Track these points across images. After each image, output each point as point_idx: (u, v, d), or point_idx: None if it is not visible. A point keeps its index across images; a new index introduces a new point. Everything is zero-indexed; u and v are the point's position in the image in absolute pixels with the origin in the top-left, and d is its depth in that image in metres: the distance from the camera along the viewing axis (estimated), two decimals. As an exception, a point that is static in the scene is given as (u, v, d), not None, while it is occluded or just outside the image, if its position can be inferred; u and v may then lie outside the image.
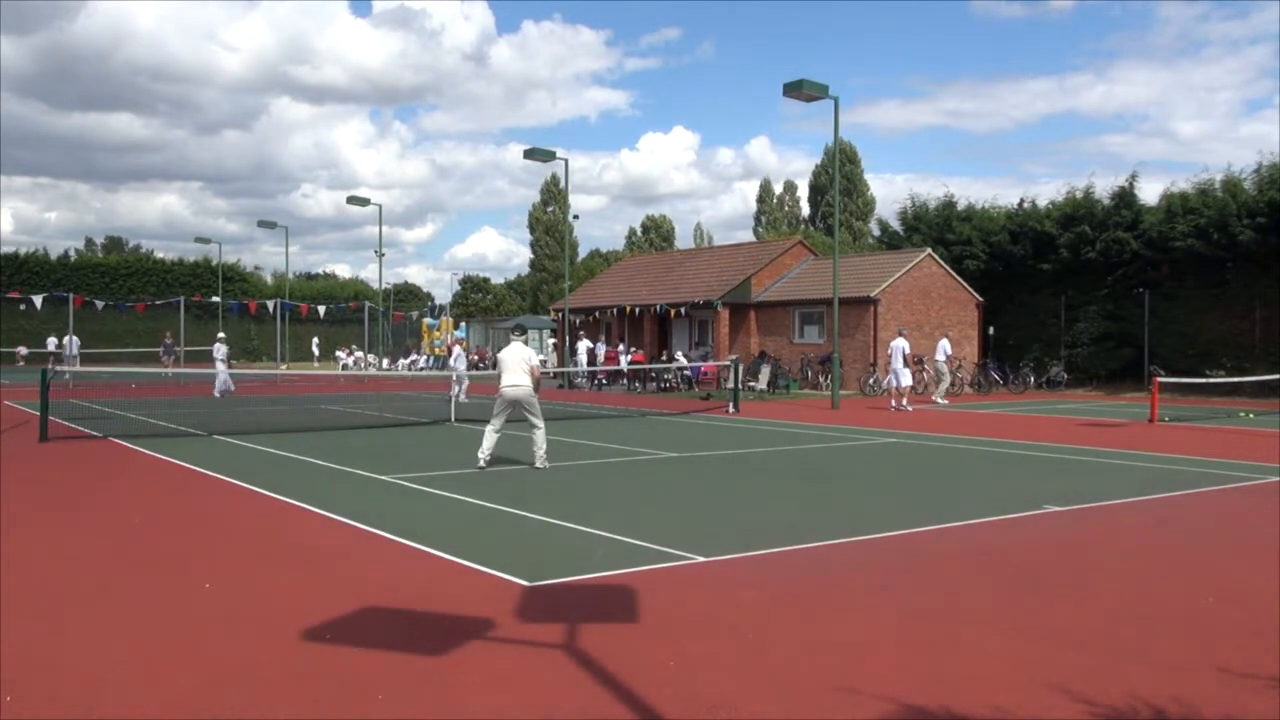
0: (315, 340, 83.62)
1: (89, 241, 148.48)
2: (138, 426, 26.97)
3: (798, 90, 34.57)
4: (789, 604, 9.35)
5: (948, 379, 39.09)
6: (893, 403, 34.53)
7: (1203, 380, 38.74)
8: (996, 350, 51.53)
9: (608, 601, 9.31)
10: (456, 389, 35.69)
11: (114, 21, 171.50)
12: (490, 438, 18.86)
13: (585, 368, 48.78)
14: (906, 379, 34.94)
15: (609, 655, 7.67)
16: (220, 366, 40.36)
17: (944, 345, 39.18)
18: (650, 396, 43.89)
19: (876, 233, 66.51)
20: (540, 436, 18.91)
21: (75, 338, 53.80)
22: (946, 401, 38.40)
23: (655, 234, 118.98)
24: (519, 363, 18.97)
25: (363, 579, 10.17)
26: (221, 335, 42.31)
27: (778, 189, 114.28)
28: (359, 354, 72.67)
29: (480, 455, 18.59)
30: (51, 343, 67.68)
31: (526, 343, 19.78)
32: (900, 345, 35.25)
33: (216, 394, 39.36)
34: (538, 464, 18.56)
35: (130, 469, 18.92)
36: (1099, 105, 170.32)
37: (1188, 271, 48.21)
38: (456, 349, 41.72)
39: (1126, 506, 15.14)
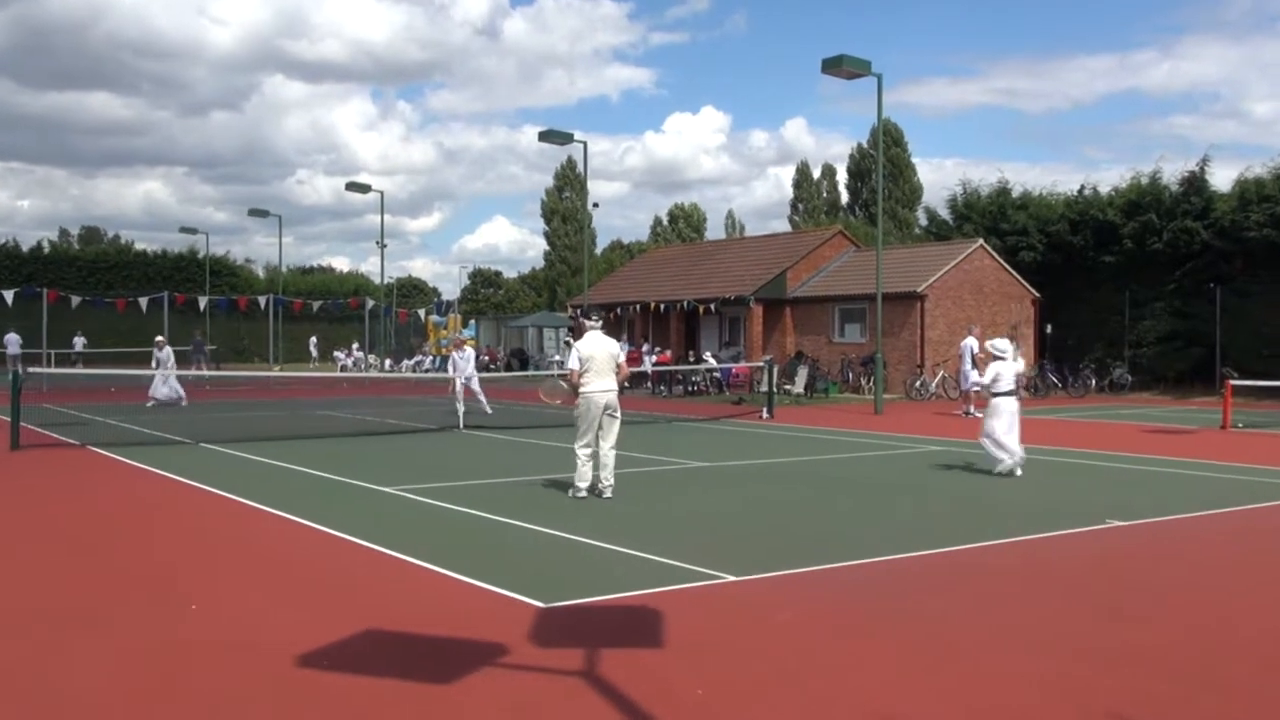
0: (313, 340, 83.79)
1: (64, 232, 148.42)
2: (118, 434, 27.03)
3: (837, 67, 34.55)
4: (827, 627, 9.35)
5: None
6: (967, 408, 34.32)
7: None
8: (1054, 350, 51.38)
9: (630, 624, 9.32)
10: (467, 402, 35.10)
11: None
12: (586, 459, 16.90)
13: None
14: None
15: (632, 683, 7.68)
16: (161, 373, 38.91)
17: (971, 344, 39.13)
18: (676, 401, 43.92)
19: (924, 222, 66.36)
20: (612, 459, 17.08)
21: (16, 335, 53.37)
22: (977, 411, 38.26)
23: (683, 223, 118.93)
24: (610, 360, 17.05)
25: (362, 599, 10.19)
26: (160, 338, 40.72)
27: (815, 174, 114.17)
28: (358, 354, 72.74)
29: (579, 484, 16.77)
30: (79, 343, 68.00)
31: (622, 332, 18.66)
32: (969, 345, 35.08)
33: (180, 400, 38.48)
34: (607, 494, 16.79)
35: (110, 480, 18.97)
36: (1165, 84, 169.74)
37: (1263, 264, 47.92)
38: (455, 354, 40.52)
39: (1196, 521, 15.11)
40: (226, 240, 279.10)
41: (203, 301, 62.01)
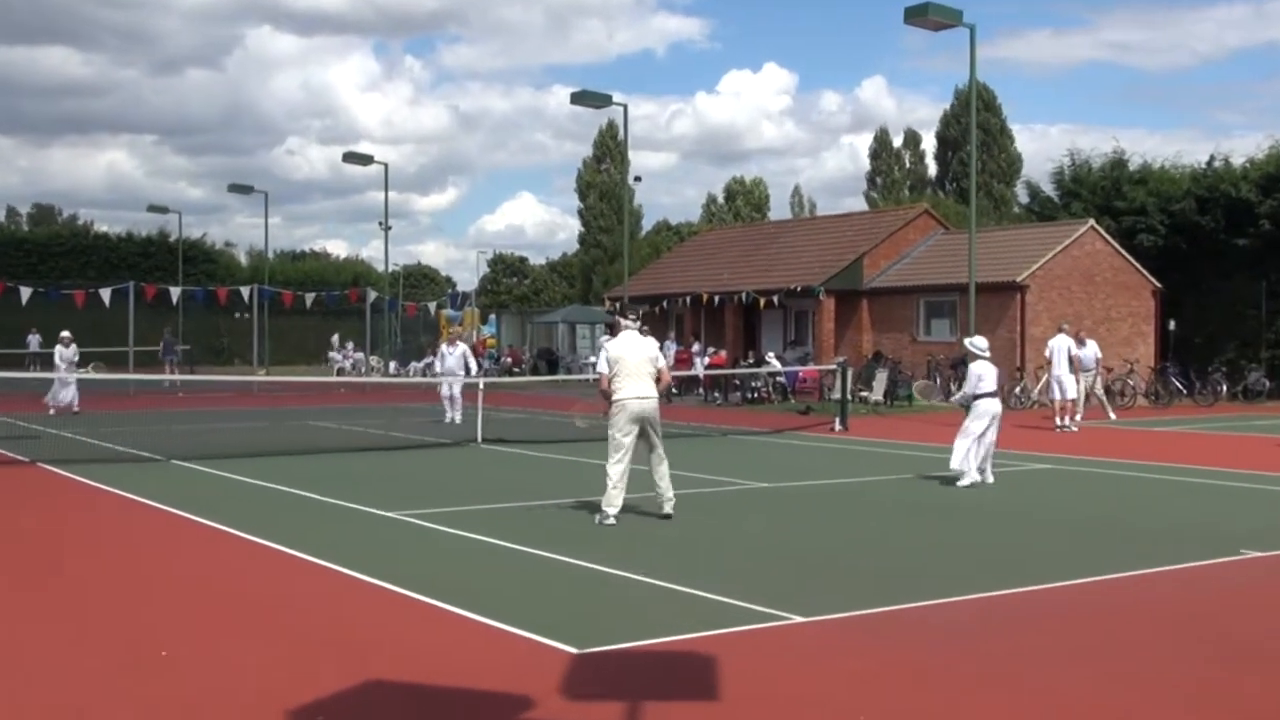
0: (335, 338, 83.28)
1: (11, 211, 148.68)
2: (75, 449, 27.12)
3: (922, 17, 34.41)
4: (910, 677, 9.33)
5: (1071, 392, 36.93)
6: (1057, 420, 34.06)
7: None
8: (1178, 351, 51.10)
9: (678, 673, 9.31)
10: (450, 409, 35.26)
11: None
12: (619, 480, 16.82)
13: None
14: (1072, 389, 34.45)
15: (679, 743, 7.67)
16: (64, 371, 38.68)
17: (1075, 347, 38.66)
18: (733, 410, 43.87)
19: (1024, 199, 66.13)
20: (666, 469, 17.30)
21: None
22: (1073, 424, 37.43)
23: (741, 201, 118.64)
24: (645, 363, 17.12)
25: (363, 644, 10.22)
26: (66, 334, 40.43)
27: (897, 143, 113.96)
28: (357, 354, 72.53)
29: (607, 509, 16.71)
30: (34, 341, 68.13)
31: (644, 330, 18.57)
32: (1062, 345, 34.86)
33: (53, 409, 37.98)
34: (667, 508, 17.12)
35: (64, 503, 19.10)
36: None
37: None
38: (443, 346, 40.31)
39: (1350, 553, 15.04)
40: (203, 221, 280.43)
41: (175, 293, 61.68)
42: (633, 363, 16.86)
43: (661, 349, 48.32)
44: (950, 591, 12.24)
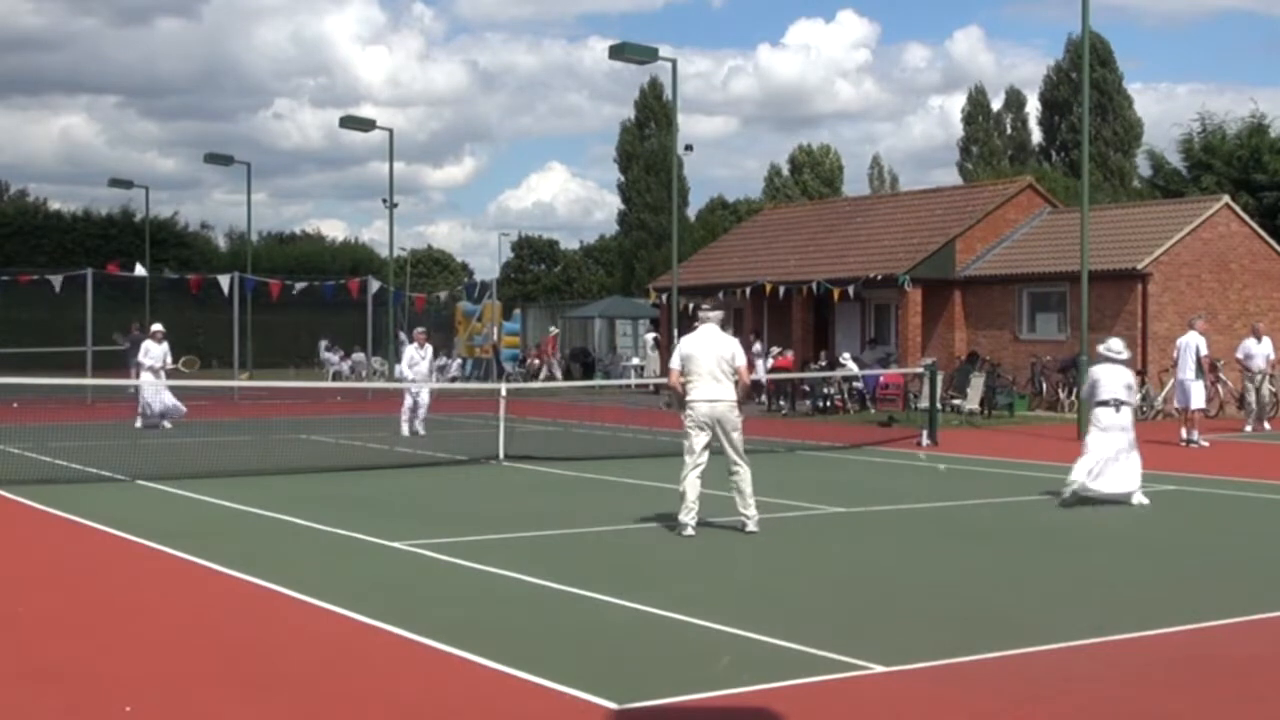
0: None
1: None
2: (21, 466, 27.07)
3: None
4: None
5: (1197, 400, 36.38)
6: (1183, 433, 33.79)
7: None
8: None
9: (736, 733, 9.31)
10: (409, 416, 35.55)
11: None
12: (694, 486, 18.04)
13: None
14: (1198, 397, 33.96)
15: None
16: (149, 378, 39.18)
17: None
18: (802, 422, 43.80)
19: (1146, 172, 66.08)
20: (747, 480, 18.36)
21: None
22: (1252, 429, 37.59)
23: (810, 174, 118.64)
24: (719, 362, 17.92)
25: (365, 698, 10.24)
26: (158, 327, 40.95)
27: (996, 105, 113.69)
28: (356, 355, 72.33)
29: (685, 518, 17.90)
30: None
31: (725, 326, 19.14)
32: (1192, 344, 34.47)
33: (141, 423, 38.97)
34: (750, 526, 18.21)
35: (11, 533, 19.21)
36: None
37: None
38: (411, 349, 39.06)
39: None
40: (175, 198, 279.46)
41: (140, 271, 61.15)
42: (705, 361, 17.66)
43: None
44: (1061, 636, 12.17)
